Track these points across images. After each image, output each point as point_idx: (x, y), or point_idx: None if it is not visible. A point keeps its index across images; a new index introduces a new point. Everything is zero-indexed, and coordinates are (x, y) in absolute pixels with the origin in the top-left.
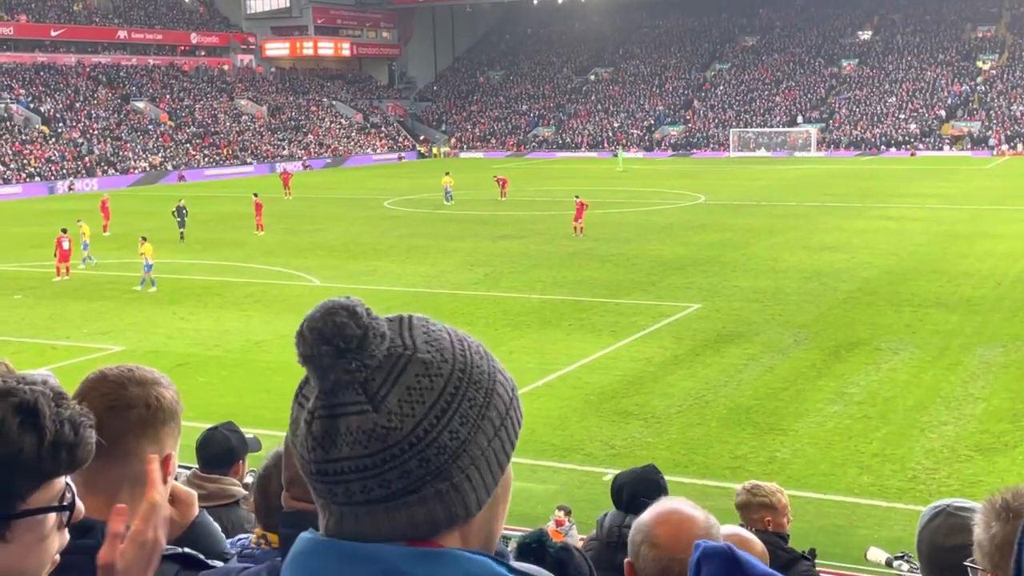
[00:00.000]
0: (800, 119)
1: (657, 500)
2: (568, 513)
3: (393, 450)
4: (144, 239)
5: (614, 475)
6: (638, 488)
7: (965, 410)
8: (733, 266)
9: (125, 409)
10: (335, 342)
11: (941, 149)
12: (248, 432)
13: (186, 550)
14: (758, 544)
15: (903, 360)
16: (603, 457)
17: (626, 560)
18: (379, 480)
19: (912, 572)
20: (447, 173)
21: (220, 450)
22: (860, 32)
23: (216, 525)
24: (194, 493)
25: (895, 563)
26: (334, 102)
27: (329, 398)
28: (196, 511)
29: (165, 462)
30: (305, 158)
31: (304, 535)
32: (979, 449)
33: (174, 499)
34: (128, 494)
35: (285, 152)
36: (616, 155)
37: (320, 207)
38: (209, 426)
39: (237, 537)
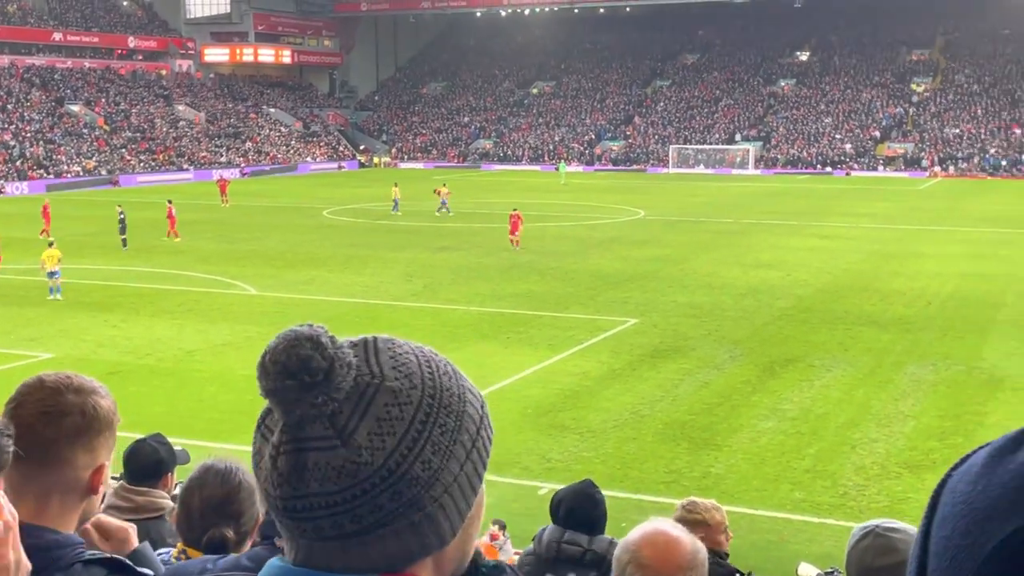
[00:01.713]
0: (739, 137)
1: (645, 520)
2: (503, 527)
3: (364, 485)
4: (51, 244)
5: (551, 490)
6: (575, 503)
7: (895, 428)
8: (671, 281)
9: (60, 416)
10: (300, 376)
11: (876, 169)
12: (178, 444)
13: (112, 555)
14: (685, 543)
15: (836, 377)
16: (539, 471)
17: None
18: (350, 515)
19: None
20: (444, 184)
21: (148, 462)
22: (798, 53)
23: (157, 560)
24: (130, 527)
25: None
26: (273, 109)
27: (295, 432)
28: (134, 544)
29: (97, 473)
30: (243, 165)
31: (274, 562)
32: (908, 466)
33: (109, 535)
34: (59, 502)
35: (223, 159)
36: (558, 168)
37: (258, 215)
38: (138, 437)
39: (158, 552)
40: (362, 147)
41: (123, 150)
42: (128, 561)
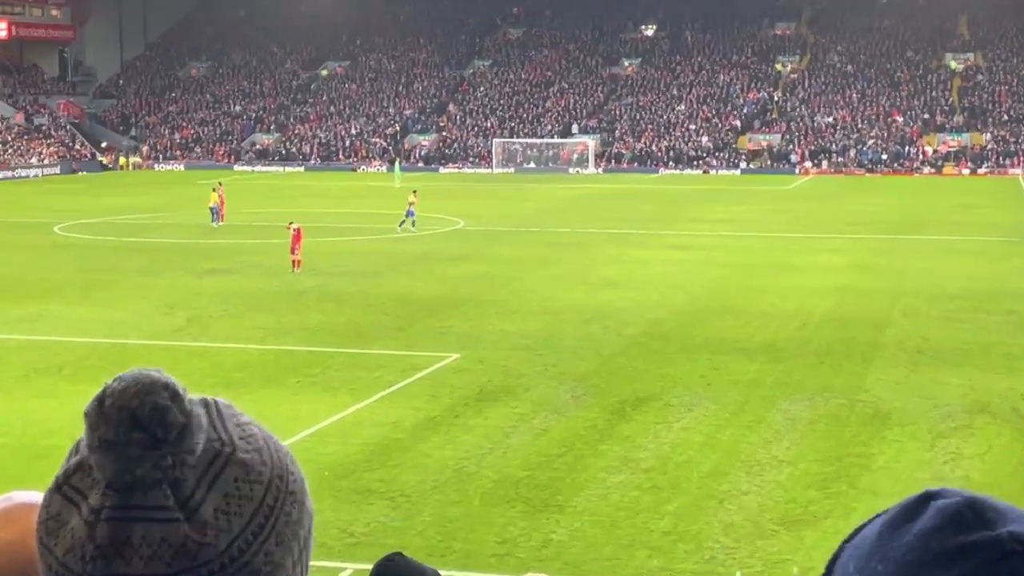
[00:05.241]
0: (575, 128)
1: None
2: None
3: (201, 570)
4: None
5: (357, 571)
6: None
7: (768, 476)
8: (498, 306)
9: None
10: (152, 429)
11: (737, 166)
12: None
13: None
14: None
15: (697, 417)
16: (340, 548)
17: None
18: None
19: None
20: (414, 191)
21: None
22: (643, 27)
23: None
24: None
25: None
26: None
27: (125, 497)
28: None
29: None
30: None
31: None
32: (784, 522)
33: None
34: None
35: None
36: (392, 168)
37: None
38: None
39: None
40: (104, 145)
41: None
42: None
